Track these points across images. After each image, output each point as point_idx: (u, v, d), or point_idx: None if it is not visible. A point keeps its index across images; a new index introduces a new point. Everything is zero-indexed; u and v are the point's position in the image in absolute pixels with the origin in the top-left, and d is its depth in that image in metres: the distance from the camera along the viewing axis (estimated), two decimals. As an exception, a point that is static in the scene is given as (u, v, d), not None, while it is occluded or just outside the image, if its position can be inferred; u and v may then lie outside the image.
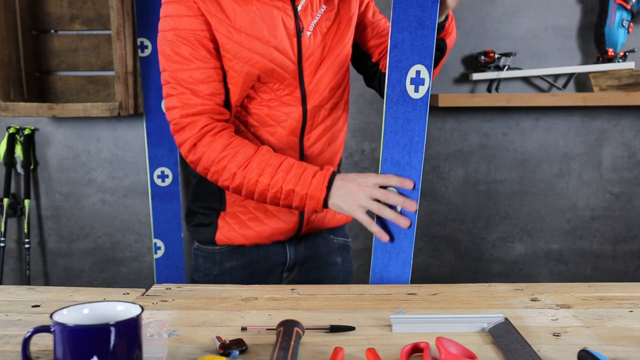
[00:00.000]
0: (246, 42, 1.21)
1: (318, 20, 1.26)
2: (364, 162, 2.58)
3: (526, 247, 2.62)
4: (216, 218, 1.35)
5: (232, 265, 1.37)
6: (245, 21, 1.20)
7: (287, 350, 0.82)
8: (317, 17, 1.25)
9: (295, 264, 1.40)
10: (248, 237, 1.35)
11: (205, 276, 1.38)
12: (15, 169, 2.56)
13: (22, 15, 2.39)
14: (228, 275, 1.37)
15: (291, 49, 1.24)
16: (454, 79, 2.54)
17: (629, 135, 2.56)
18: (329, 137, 1.36)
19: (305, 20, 1.25)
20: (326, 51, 1.28)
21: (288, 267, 1.40)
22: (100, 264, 2.64)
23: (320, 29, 1.27)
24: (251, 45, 1.21)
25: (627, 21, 2.41)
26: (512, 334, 0.91)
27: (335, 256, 1.44)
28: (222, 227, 1.35)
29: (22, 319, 1.01)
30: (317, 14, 1.26)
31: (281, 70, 1.24)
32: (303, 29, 1.24)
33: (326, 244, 1.43)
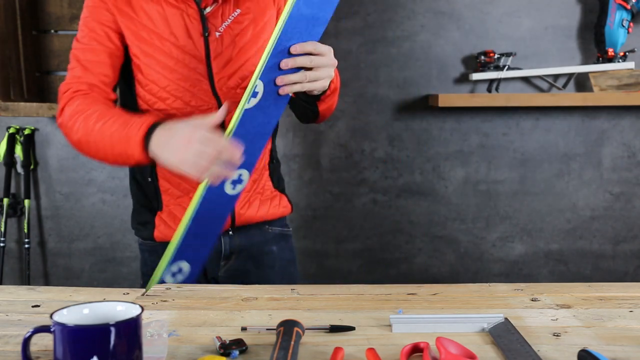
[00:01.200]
0: (150, 38, 1.30)
1: (230, 22, 1.34)
2: (364, 161, 2.59)
3: (526, 247, 2.62)
4: (153, 217, 1.41)
5: None
6: (151, 19, 1.30)
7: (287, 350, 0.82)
8: (228, 20, 1.34)
9: (231, 253, 1.44)
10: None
11: (152, 269, 1.39)
12: (15, 169, 2.56)
13: (22, 15, 2.39)
14: None
15: (197, 49, 1.31)
16: (454, 79, 2.54)
17: (629, 135, 2.56)
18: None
19: (214, 21, 1.32)
20: (236, 52, 1.34)
21: (224, 256, 1.44)
22: (100, 264, 2.64)
23: (231, 30, 1.34)
24: (155, 41, 1.30)
25: (627, 21, 2.41)
26: (512, 334, 0.91)
27: (270, 245, 1.48)
28: (159, 226, 1.41)
29: (22, 319, 1.01)
30: (229, 17, 1.34)
31: (185, 67, 1.31)
32: (210, 31, 1.32)
33: (261, 234, 1.47)
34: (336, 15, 2.51)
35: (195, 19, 1.31)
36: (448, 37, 2.52)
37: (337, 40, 2.51)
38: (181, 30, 1.31)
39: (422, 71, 2.54)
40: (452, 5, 2.51)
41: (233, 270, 1.44)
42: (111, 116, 1.20)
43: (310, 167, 2.58)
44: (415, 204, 2.60)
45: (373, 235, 2.62)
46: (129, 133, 1.15)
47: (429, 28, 2.52)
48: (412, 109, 2.56)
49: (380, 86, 2.55)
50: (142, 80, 1.33)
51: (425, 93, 2.54)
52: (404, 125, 2.57)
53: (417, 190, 2.60)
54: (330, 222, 2.60)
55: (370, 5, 2.51)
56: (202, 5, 1.32)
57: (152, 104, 1.33)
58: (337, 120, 2.56)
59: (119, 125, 1.17)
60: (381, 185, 2.60)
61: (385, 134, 2.57)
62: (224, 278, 1.43)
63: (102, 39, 1.30)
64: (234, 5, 1.35)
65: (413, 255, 2.63)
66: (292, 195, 2.58)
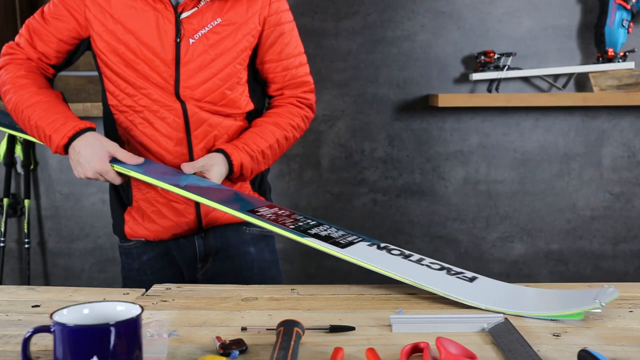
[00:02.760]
0: (119, 32, 1.30)
1: (207, 31, 1.30)
2: (364, 162, 2.59)
3: (526, 247, 2.62)
4: (123, 212, 1.44)
5: (149, 257, 1.45)
6: (123, 14, 1.29)
7: (287, 350, 0.82)
8: (207, 28, 1.30)
9: (207, 254, 1.43)
10: (151, 231, 1.41)
11: (129, 271, 1.48)
12: (15, 169, 2.56)
13: (22, 15, 2.39)
14: (148, 266, 1.45)
15: (165, 52, 1.29)
16: (454, 79, 2.54)
17: (629, 135, 2.56)
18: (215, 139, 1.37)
19: (190, 27, 1.30)
20: (208, 61, 1.31)
21: (200, 258, 1.43)
22: (100, 264, 2.65)
23: (207, 39, 1.31)
24: (124, 37, 1.30)
25: (627, 21, 2.41)
26: (512, 334, 0.91)
27: (248, 246, 1.45)
28: (128, 221, 1.43)
29: (22, 319, 1.01)
30: (208, 25, 1.30)
31: (152, 69, 1.30)
32: (183, 36, 1.29)
33: (237, 235, 1.44)
34: (336, 15, 2.52)
35: (170, 21, 1.29)
36: (448, 37, 2.52)
37: (337, 40, 2.51)
38: (152, 30, 1.29)
39: (422, 71, 2.54)
40: (452, 5, 2.51)
41: (211, 272, 1.43)
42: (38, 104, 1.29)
43: (310, 167, 2.58)
44: (415, 204, 2.60)
45: (373, 236, 2.58)
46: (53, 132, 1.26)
47: (429, 28, 2.52)
48: (412, 109, 2.56)
49: (380, 86, 2.55)
50: (110, 76, 1.34)
51: (425, 93, 2.54)
52: (404, 125, 2.57)
53: (417, 190, 2.60)
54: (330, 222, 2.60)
55: (370, 5, 2.51)
56: (178, 9, 1.29)
57: (120, 99, 1.35)
58: (337, 120, 2.56)
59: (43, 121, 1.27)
60: (381, 185, 2.60)
61: (385, 134, 2.57)
62: (202, 280, 1.42)
63: (60, 23, 1.33)
64: (214, 14, 1.30)
65: (413, 255, 2.62)
66: (292, 195, 2.58)
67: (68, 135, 1.25)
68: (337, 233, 1.21)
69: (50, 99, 1.31)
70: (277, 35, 1.37)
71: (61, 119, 1.27)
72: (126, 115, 1.36)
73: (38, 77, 1.34)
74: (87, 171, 1.25)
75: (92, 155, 1.24)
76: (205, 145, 1.35)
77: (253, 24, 1.33)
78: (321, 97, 2.53)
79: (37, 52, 1.35)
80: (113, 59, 1.32)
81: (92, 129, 1.28)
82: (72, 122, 1.27)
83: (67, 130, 1.25)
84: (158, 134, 1.34)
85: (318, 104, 2.55)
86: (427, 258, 1.19)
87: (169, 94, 1.31)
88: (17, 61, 1.35)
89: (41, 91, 1.31)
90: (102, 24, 1.30)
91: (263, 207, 1.24)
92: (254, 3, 1.33)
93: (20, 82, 1.31)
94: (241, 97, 1.37)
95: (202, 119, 1.34)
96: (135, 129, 1.35)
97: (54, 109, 1.29)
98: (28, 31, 1.35)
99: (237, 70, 1.34)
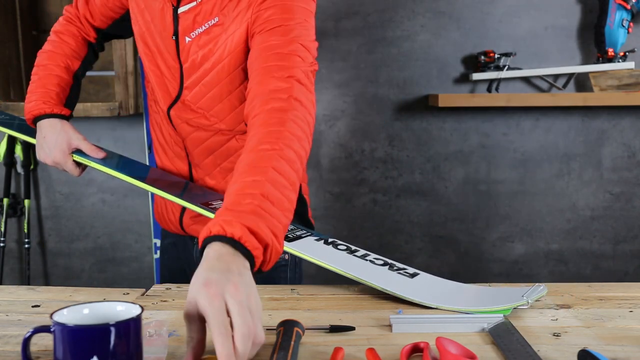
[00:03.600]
0: (144, 24, 1.25)
1: (205, 29, 1.19)
2: (364, 161, 2.59)
3: (526, 247, 2.62)
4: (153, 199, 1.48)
5: (167, 242, 1.48)
6: (147, 6, 1.24)
7: (287, 350, 0.82)
8: (205, 26, 1.19)
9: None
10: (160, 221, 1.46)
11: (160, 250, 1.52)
12: (15, 169, 2.56)
13: (22, 15, 2.39)
14: (166, 251, 1.49)
15: (168, 49, 1.23)
16: (454, 79, 2.54)
17: (629, 135, 2.56)
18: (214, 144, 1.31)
19: (187, 24, 1.19)
20: (204, 59, 1.21)
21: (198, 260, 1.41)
22: (100, 264, 2.64)
23: (204, 37, 1.20)
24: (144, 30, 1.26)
25: (627, 21, 2.41)
26: (512, 334, 0.91)
27: None
28: (157, 207, 1.47)
29: (22, 319, 1.01)
30: (206, 23, 1.19)
31: (163, 62, 1.24)
32: (180, 34, 1.20)
33: None
34: (336, 15, 2.51)
35: (170, 16, 1.20)
36: (448, 37, 2.52)
37: (337, 40, 2.51)
38: (159, 26, 1.22)
39: (422, 71, 2.54)
40: (452, 5, 2.51)
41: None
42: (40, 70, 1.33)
43: (310, 167, 2.58)
44: (415, 204, 2.60)
45: (373, 235, 2.62)
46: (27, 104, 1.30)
47: (429, 28, 2.52)
48: (412, 109, 2.56)
49: (380, 86, 2.55)
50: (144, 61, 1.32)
51: (425, 93, 2.54)
52: (404, 125, 2.57)
53: (417, 190, 2.60)
54: (330, 222, 2.60)
55: (370, 5, 2.51)
56: (174, 3, 1.19)
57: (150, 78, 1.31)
58: (337, 120, 2.56)
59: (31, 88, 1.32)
60: (381, 185, 2.60)
61: (385, 134, 2.57)
62: None
63: None
64: (212, 13, 1.17)
65: (413, 255, 2.63)
66: (292, 195, 2.58)
67: (33, 114, 1.28)
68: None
69: (53, 68, 1.33)
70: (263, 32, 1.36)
71: (39, 95, 1.29)
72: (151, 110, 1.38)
73: (70, 40, 1.36)
74: (47, 157, 1.29)
75: (54, 143, 1.27)
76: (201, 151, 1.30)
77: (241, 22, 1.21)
78: (321, 97, 2.53)
79: (87, 10, 1.37)
80: (139, 46, 1.30)
81: (63, 117, 1.30)
82: (44, 103, 1.28)
83: (35, 109, 1.28)
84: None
85: (318, 104, 2.56)
86: (372, 254, 1.22)
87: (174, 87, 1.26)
88: (67, 18, 1.39)
89: (54, 56, 1.34)
90: (135, 9, 1.26)
91: (217, 201, 1.23)
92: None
93: (51, 38, 1.37)
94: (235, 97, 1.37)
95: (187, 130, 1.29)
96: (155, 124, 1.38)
97: (47, 80, 1.31)
98: None
99: (230, 67, 1.30)
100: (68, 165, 1.28)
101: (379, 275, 1.14)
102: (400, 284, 1.12)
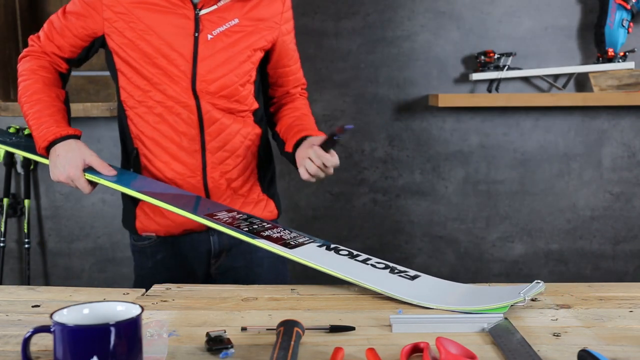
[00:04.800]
0: (139, 28, 1.33)
1: (225, 29, 1.36)
2: (364, 162, 2.59)
3: (526, 247, 2.62)
4: (135, 207, 1.46)
5: (162, 256, 1.47)
6: (143, 11, 1.33)
7: (287, 350, 0.82)
8: (224, 26, 1.36)
9: (221, 251, 1.47)
10: (162, 226, 1.44)
11: (142, 269, 1.51)
12: (15, 169, 2.56)
13: (22, 15, 2.39)
14: (161, 264, 1.47)
15: (184, 47, 1.34)
16: (454, 79, 2.54)
17: (629, 135, 2.56)
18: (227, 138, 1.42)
19: (209, 24, 1.35)
20: (224, 59, 1.36)
21: (214, 254, 1.47)
22: (100, 264, 2.65)
23: (225, 37, 1.36)
24: (144, 32, 1.33)
25: (627, 21, 2.41)
26: (512, 334, 0.91)
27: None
28: (139, 216, 1.46)
29: (22, 319, 1.01)
30: (226, 24, 1.36)
31: (170, 63, 1.34)
32: (202, 32, 1.34)
33: None
34: (336, 15, 2.51)
35: (189, 18, 1.33)
36: (448, 37, 2.52)
37: (337, 40, 2.51)
38: (172, 26, 1.33)
39: (422, 71, 2.54)
40: (452, 5, 2.51)
41: (224, 267, 1.48)
42: (36, 103, 1.36)
43: (310, 167, 2.58)
44: (415, 204, 2.60)
45: (373, 235, 2.62)
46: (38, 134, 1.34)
47: (429, 28, 2.52)
48: (412, 109, 2.56)
49: (380, 86, 2.55)
50: (127, 72, 1.37)
51: (425, 93, 2.54)
52: (404, 125, 2.57)
53: (417, 190, 2.60)
54: (330, 222, 2.60)
55: (370, 5, 2.51)
56: (198, 7, 1.34)
57: (135, 95, 1.38)
58: (337, 121, 2.56)
59: (34, 122, 1.35)
60: (381, 185, 2.60)
61: (385, 134, 2.57)
62: (215, 275, 1.47)
63: (77, 20, 1.37)
64: (233, 14, 1.36)
65: (413, 255, 2.63)
66: (292, 195, 2.58)
67: (49, 140, 1.32)
68: (289, 235, 1.27)
69: (48, 99, 1.37)
70: (288, 44, 1.46)
71: (47, 123, 1.33)
72: (138, 111, 1.39)
73: (47, 74, 1.41)
74: (61, 175, 1.32)
75: (68, 161, 1.31)
76: (217, 143, 1.40)
77: (269, 29, 1.40)
78: (321, 97, 2.53)
79: (54, 46, 1.41)
80: (132, 55, 1.35)
81: (76, 137, 1.35)
82: (56, 128, 1.33)
83: (49, 135, 1.32)
84: (172, 129, 1.38)
85: (318, 103, 2.56)
86: (374, 258, 1.24)
87: (185, 89, 1.35)
88: (34, 54, 1.43)
89: (44, 89, 1.38)
90: (122, 20, 1.34)
91: (221, 212, 1.31)
92: (270, 9, 1.40)
93: (29, 77, 1.40)
94: (249, 96, 1.43)
95: (215, 117, 1.38)
96: (147, 125, 1.39)
97: (47, 110, 1.35)
98: (48, 25, 1.42)
99: (250, 69, 1.40)
100: (81, 181, 1.32)
101: (380, 278, 1.16)
102: (401, 287, 1.12)
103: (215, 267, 1.48)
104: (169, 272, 1.46)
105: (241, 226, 1.25)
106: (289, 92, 1.53)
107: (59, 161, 1.32)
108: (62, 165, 1.31)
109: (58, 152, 1.32)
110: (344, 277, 1.14)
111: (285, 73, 1.50)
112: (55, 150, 1.32)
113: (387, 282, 1.14)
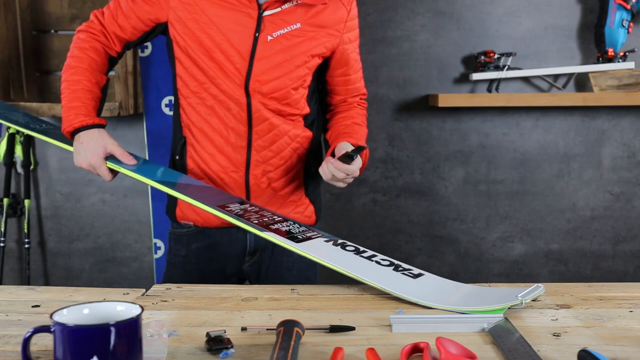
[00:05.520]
0: (202, 20, 1.35)
1: (286, 32, 1.37)
2: (364, 162, 2.58)
3: (526, 247, 2.62)
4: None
5: (197, 246, 1.49)
6: (209, 4, 1.35)
7: (287, 350, 0.82)
8: (286, 29, 1.37)
9: (256, 249, 1.49)
10: (202, 216, 1.46)
11: (175, 257, 1.53)
12: (15, 169, 2.56)
13: (22, 15, 2.39)
14: (194, 254, 1.49)
15: (243, 45, 1.35)
16: (454, 79, 2.54)
17: (629, 135, 2.56)
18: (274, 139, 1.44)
19: (271, 25, 1.36)
20: (281, 61, 1.38)
21: (249, 252, 1.49)
22: (100, 264, 2.65)
23: (285, 40, 1.37)
24: (206, 25, 1.35)
25: (627, 21, 2.41)
26: (512, 334, 0.91)
27: None
28: (180, 204, 1.48)
29: (22, 319, 1.02)
30: (287, 27, 1.37)
31: (227, 59, 1.36)
32: (262, 32, 1.35)
33: None
34: (336, 15, 2.51)
35: (252, 17, 1.35)
36: (448, 37, 2.52)
37: (337, 40, 2.51)
38: (234, 23, 1.34)
39: (422, 71, 2.54)
40: (452, 5, 2.51)
41: (257, 265, 1.50)
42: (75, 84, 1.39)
43: (310, 167, 2.58)
44: (415, 204, 2.60)
45: (373, 235, 2.62)
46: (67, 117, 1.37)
47: (429, 28, 2.52)
48: (412, 109, 2.56)
49: (380, 86, 2.55)
50: (185, 61, 1.39)
51: (425, 93, 2.54)
52: (404, 125, 2.57)
53: (417, 190, 2.60)
54: (330, 222, 2.60)
55: (370, 5, 2.51)
56: (263, 7, 1.35)
57: (191, 85, 1.40)
58: (337, 120, 2.56)
59: (66, 103, 1.39)
60: (381, 185, 2.60)
61: (385, 134, 2.57)
62: (248, 271, 1.50)
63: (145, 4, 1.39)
64: (296, 19, 1.37)
65: (413, 255, 2.63)
66: (292, 195, 2.58)
67: (74, 126, 1.36)
68: (298, 229, 1.28)
69: (88, 83, 1.40)
70: (349, 53, 1.47)
71: (78, 109, 1.37)
72: (191, 101, 1.42)
73: (96, 57, 1.42)
74: (83, 162, 1.36)
75: (90, 148, 1.35)
76: (263, 142, 1.42)
77: (330, 36, 1.41)
78: (321, 97, 2.53)
79: (116, 26, 1.42)
80: (192, 45, 1.37)
81: (102, 126, 1.38)
82: (84, 116, 1.37)
83: (76, 122, 1.36)
84: (221, 123, 1.40)
85: (318, 104, 2.56)
86: (380, 255, 1.25)
87: (238, 86, 1.37)
88: (91, 32, 1.44)
89: (86, 72, 1.40)
90: (187, 11, 1.36)
91: (234, 203, 1.32)
92: (334, 16, 1.40)
93: (78, 55, 1.42)
94: (301, 100, 1.44)
95: (264, 116, 1.40)
96: (198, 116, 1.42)
97: (83, 95, 1.38)
98: (115, 4, 1.43)
99: (305, 74, 1.41)
100: (102, 169, 1.36)
101: (384, 276, 1.16)
102: (403, 285, 1.12)
103: (249, 264, 1.50)
104: (201, 263, 1.49)
105: (251, 218, 1.26)
106: (347, 100, 1.55)
107: (82, 148, 1.35)
108: (85, 153, 1.35)
109: (82, 140, 1.35)
110: (346, 273, 1.15)
111: (344, 82, 1.52)
112: (79, 138, 1.36)
113: (389, 280, 1.14)
